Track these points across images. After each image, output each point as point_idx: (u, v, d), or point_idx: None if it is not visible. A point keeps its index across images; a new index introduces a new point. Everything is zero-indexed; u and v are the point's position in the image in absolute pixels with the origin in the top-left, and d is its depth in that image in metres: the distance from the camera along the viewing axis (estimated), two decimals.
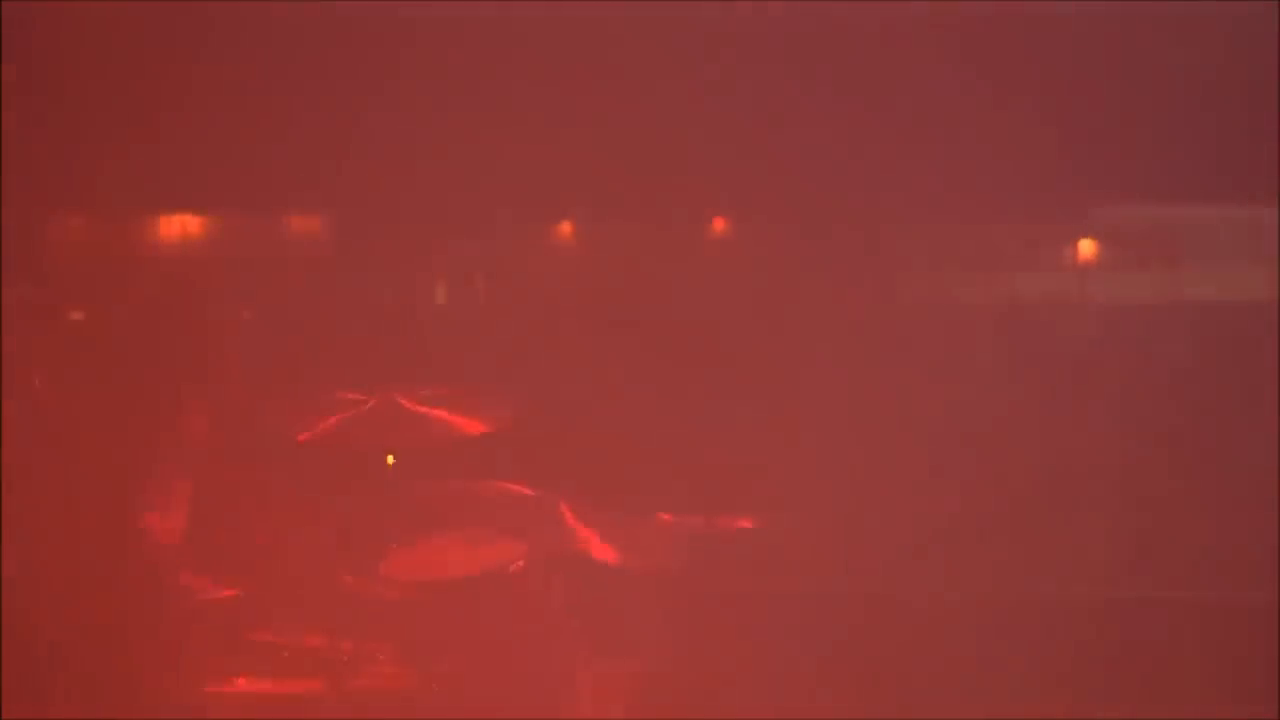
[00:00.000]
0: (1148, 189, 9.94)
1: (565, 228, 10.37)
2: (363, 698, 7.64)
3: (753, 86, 9.54)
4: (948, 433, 9.60)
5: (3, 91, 9.10)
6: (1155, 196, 10.03)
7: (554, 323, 10.01)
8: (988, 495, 9.41)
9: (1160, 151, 9.62)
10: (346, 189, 9.75)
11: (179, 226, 10.35)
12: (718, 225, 10.27)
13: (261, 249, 10.45)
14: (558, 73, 9.60)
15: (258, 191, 9.96)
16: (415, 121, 9.60)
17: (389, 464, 8.26)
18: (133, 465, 7.59)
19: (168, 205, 10.26)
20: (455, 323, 10.28)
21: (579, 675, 8.06)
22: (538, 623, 7.90)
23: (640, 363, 9.68)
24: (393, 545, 8.07)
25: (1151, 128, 9.57)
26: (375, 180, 9.67)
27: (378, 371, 8.77)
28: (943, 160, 9.49)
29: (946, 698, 8.50)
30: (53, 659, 7.21)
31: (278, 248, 10.48)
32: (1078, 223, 10.22)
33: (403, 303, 10.20)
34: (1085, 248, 10.22)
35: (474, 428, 8.18)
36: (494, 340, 9.92)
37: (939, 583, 9.06)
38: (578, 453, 9.20)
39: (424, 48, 9.60)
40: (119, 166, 9.62)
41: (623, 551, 8.14)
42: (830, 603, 8.92)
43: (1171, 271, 10.14)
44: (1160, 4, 9.49)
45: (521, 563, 7.95)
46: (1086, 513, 9.47)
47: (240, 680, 7.67)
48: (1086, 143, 9.59)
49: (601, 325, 9.91)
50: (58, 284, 9.77)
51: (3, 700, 7.07)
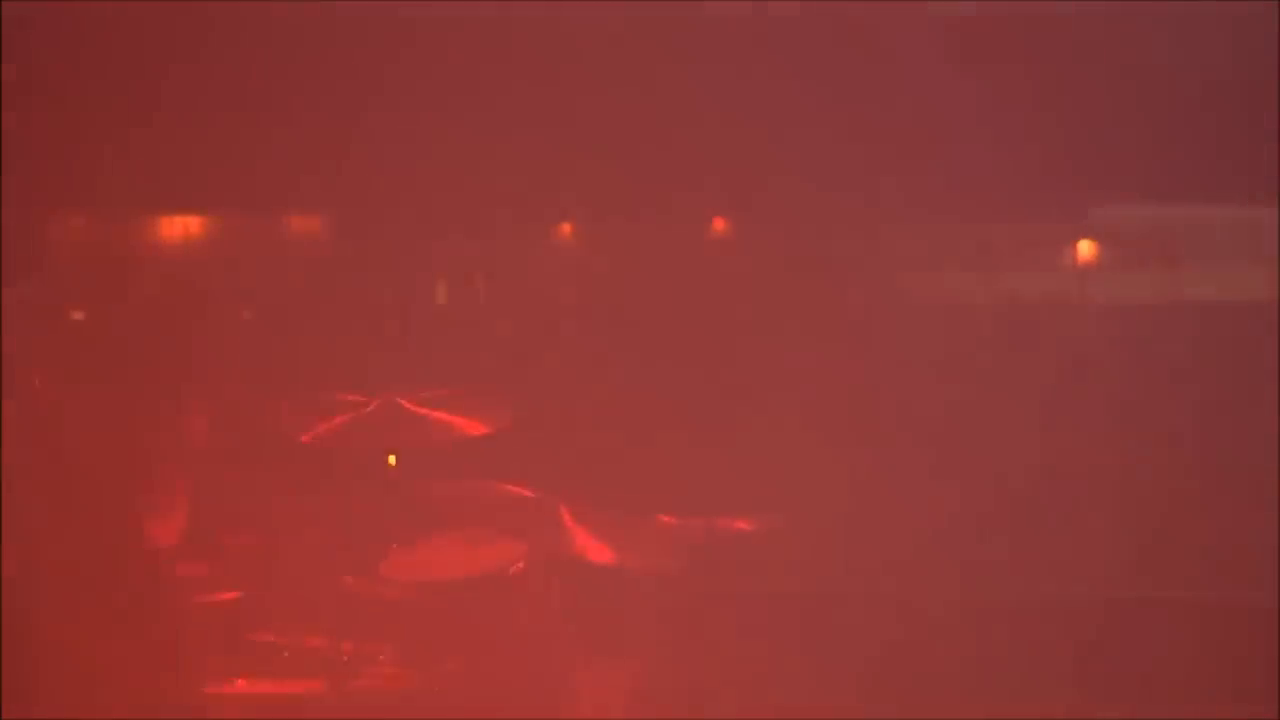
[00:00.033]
0: (1147, 189, 9.93)
1: (565, 228, 10.36)
2: (363, 698, 7.66)
3: (753, 86, 9.54)
4: (948, 433, 9.60)
5: (3, 91, 9.09)
6: (1155, 196, 10.01)
7: (554, 323, 10.01)
8: (988, 495, 9.40)
9: (1160, 151, 9.61)
10: (346, 189, 9.75)
11: (179, 226, 10.34)
12: (718, 225, 10.26)
13: (261, 249, 10.44)
14: (558, 73, 9.59)
15: (258, 191, 9.95)
16: (415, 121, 9.60)
17: (390, 465, 8.28)
18: (133, 465, 7.60)
19: (168, 205, 10.24)
20: (455, 323, 10.27)
21: (579, 675, 8.08)
22: (537, 623, 7.92)
23: (640, 363, 9.69)
24: (393, 546, 8.09)
25: (1151, 128, 9.57)
26: (375, 180, 9.67)
27: (377, 371, 8.79)
28: (942, 160, 9.49)
29: (946, 698, 8.50)
30: (53, 659, 7.21)
31: (278, 248, 10.47)
32: (1077, 222, 10.21)
33: (403, 303, 10.19)
34: (1085, 248, 10.21)
35: (474, 429, 8.20)
36: (494, 340, 9.92)
37: (939, 582, 9.05)
38: (578, 454, 9.20)
39: (424, 48, 9.59)
40: (119, 166, 9.62)
41: (622, 552, 8.16)
42: (830, 603, 8.92)
43: (1171, 272, 10.12)
44: (1160, 4, 9.49)
45: (521, 564, 7.96)
46: (1086, 513, 9.47)
47: (240, 681, 7.68)
48: (1086, 143, 9.59)
49: (601, 325, 9.92)
50: (58, 284, 9.76)
51: (3, 700, 7.08)
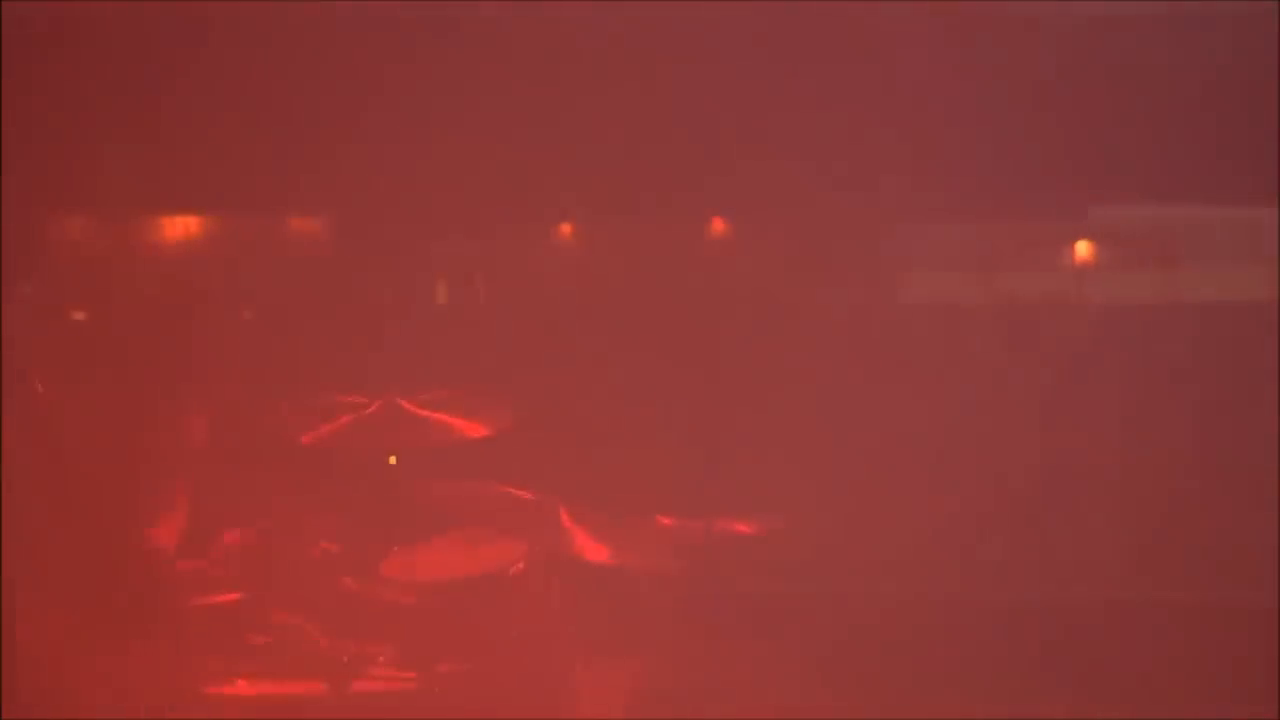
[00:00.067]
0: (1146, 189, 9.92)
1: (565, 228, 10.36)
2: (363, 699, 7.65)
3: (753, 86, 9.54)
4: (948, 433, 9.60)
5: (3, 91, 9.09)
6: (1154, 196, 10.01)
7: (554, 323, 10.01)
8: (988, 495, 9.41)
9: (1160, 151, 9.61)
10: (346, 189, 9.74)
11: (179, 226, 10.34)
12: (718, 225, 10.26)
13: (261, 249, 10.44)
14: (558, 73, 9.59)
15: (258, 191, 9.95)
16: (415, 121, 9.59)
17: (391, 465, 8.28)
18: (132, 465, 7.60)
19: (168, 205, 10.24)
20: (455, 323, 10.27)
21: (579, 675, 8.08)
22: (537, 624, 7.91)
23: (640, 363, 9.69)
24: (393, 547, 8.08)
25: (1151, 128, 9.56)
26: (375, 180, 9.66)
27: (377, 371, 8.79)
28: (942, 160, 9.49)
29: (947, 698, 8.51)
30: (52, 659, 7.21)
31: (278, 248, 10.47)
32: (1076, 222, 10.20)
33: (403, 303, 10.19)
34: (1084, 248, 10.21)
35: (474, 430, 8.20)
36: (494, 341, 9.92)
37: (939, 583, 9.07)
38: (577, 454, 9.21)
39: (423, 48, 9.59)
40: (119, 166, 9.62)
41: (622, 553, 8.16)
42: (830, 603, 8.94)
43: (1170, 272, 10.12)
44: (1160, 4, 9.49)
45: (521, 564, 7.96)
46: (1086, 513, 9.48)
47: (241, 681, 7.68)
48: (1085, 143, 9.58)
49: (601, 326, 9.91)
50: (58, 284, 9.77)
51: (3, 700, 7.07)
